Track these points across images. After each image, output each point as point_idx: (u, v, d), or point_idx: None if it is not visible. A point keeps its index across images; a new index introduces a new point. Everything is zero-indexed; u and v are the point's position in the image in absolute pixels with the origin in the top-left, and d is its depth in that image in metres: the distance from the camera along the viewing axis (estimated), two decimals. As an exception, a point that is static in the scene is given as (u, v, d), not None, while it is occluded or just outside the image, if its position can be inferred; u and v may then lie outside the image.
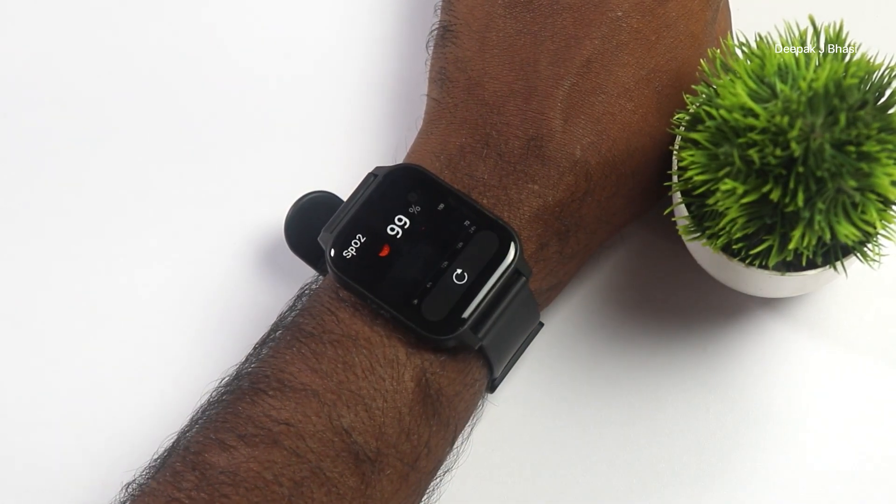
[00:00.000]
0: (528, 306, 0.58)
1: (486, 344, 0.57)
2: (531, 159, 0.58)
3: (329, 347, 0.56)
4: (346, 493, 0.54)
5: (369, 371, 0.55)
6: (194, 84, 0.69)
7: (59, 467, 0.63)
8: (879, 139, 0.53)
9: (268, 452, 0.54)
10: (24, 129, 0.69)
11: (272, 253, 0.66)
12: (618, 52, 0.60)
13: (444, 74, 0.61)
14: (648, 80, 0.60)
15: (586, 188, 0.59)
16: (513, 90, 0.59)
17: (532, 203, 0.58)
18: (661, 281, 0.65)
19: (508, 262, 0.57)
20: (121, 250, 0.67)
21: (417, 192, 0.58)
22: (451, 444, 0.59)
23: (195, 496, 0.53)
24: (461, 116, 0.60)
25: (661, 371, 0.64)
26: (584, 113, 0.59)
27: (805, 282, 0.59)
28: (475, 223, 0.57)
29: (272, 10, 0.70)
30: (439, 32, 0.63)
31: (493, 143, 0.59)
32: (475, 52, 0.61)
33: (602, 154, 0.59)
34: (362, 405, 0.55)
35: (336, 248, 0.57)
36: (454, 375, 0.57)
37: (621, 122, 0.59)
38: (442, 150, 0.59)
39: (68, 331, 0.66)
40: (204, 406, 0.57)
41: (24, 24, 0.70)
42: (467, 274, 0.56)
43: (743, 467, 0.63)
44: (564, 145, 0.59)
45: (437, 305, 0.56)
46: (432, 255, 0.57)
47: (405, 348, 0.56)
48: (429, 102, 0.62)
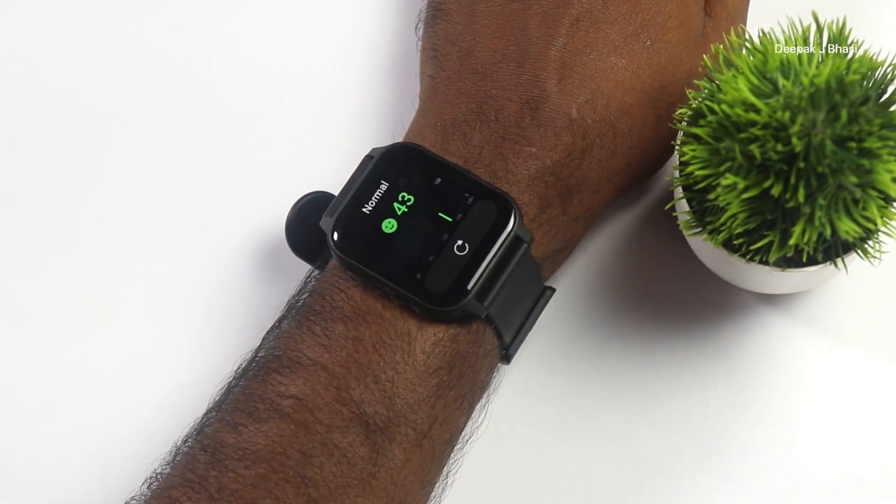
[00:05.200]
0: (532, 272, 0.59)
1: (492, 312, 0.57)
2: (527, 122, 0.59)
3: (339, 324, 0.56)
4: (356, 462, 0.55)
5: (379, 344, 0.56)
6: (195, 83, 0.70)
7: (75, 468, 0.64)
8: (881, 136, 0.53)
9: (276, 426, 0.55)
10: (28, 125, 0.69)
11: (274, 253, 0.66)
12: (604, 10, 0.61)
13: (436, 51, 0.62)
14: (637, 36, 0.60)
15: (583, 146, 0.59)
16: (505, 56, 0.60)
17: (530, 166, 0.59)
18: (662, 276, 0.65)
19: (508, 230, 0.57)
20: (121, 250, 0.67)
21: (413, 169, 0.58)
22: (466, 414, 0.59)
23: (205, 474, 0.54)
24: (455, 88, 0.60)
25: (661, 366, 0.64)
26: (576, 72, 0.60)
27: (806, 278, 0.59)
28: (473, 194, 0.58)
29: (269, 10, 0.71)
30: (429, 13, 0.63)
31: (487, 109, 0.59)
32: (465, 24, 0.61)
33: (597, 112, 0.60)
34: (372, 377, 0.56)
35: (338, 230, 0.58)
36: (465, 346, 0.57)
37: (614, 78, 0.60)
38: (437, 123, 0.60)
39: (67, 331, 0.66)
40: (218, 395, 0.58)
41: (24, 24, 0.71)
42: (468, 244, 0.57)
43: (742, 463, 0.62)
44: (560, 105, 0.59)
45: (441, 278, 0.57)
46: (432, 228, 0.58)
47: (416, 322, 0.57)
48: (424, 80, 0.63)
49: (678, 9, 0.62)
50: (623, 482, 0.63)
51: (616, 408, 0.63)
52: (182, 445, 0.57)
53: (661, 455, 0.63)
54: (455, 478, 0.60)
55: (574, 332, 0.65)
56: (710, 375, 0.64)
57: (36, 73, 0.70)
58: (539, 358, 0.64)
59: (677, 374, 0.64)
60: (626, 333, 0.64)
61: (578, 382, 0.64)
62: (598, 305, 0.65)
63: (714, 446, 0.63)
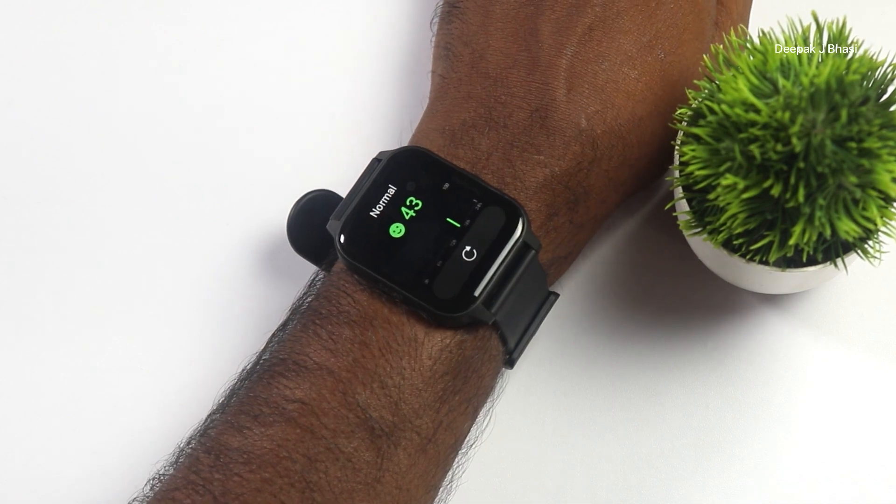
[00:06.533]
0: (539, 278, 0.59)
1: (499, 318, 0.57)
2: (536, 130, 0.59)
3: (346, 328, 0.56)
4: (361, 467, 0.55)
5: (386, 349, 0.56)
6: (200, 79, 0.69)
7: (78, 469, 0.63)
8: (881, 136, 0.53)
9: (281, 430, 0.54)
10: (28, 124, 0.69)
11: (276, 251, 0.66)
12: (618, 19, 0.60)
13: (449, 50, 0.62)
14: (650, 47, 0.60)
15: (593, 157, 0.59)
16: (516, 61, 0.60)
17: (538, 174, 0.58)
18: (662, 276, 0.65)
19: (516, 237, 0.57)
20: (123, 249, 0.67)
21: (422, 173, 0.58)
22: (471, 419, 0.59)
23: (210, 477, 0.54)
24: (465, 91, 0.60)
25: (661, 366, 0.64)
26: (587, 82, 0.59)
27: (805, 278, 0.59)
28: (481, 200, 0.57)
29: (278, 5, 0.71)
30: (445, 9, 0.63)
31: (496, 115, 0.59)
32: (479, 25, 0.61)
33: (607, 123, 0.59)
34: (378, 382, 0.55)
35: (345, 233, 0.58)
36: (471, 352, 0.57)
37: (625, 90, 0.60)
38: (446, 126, 0.60)
39: (69, 332, 0.66)
40: (222, 397, 0.58)
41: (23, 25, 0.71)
42: (476, 250, 0.57)
43: (742, 463, 0.62)
44: (569, 115, 0.59)
45: (449, 284, 0.56)
46: (440, 234, 0.57)
47: (423, 327, 0.56)
48: (434, 79, 0.63)
49: (694, 22, 0.61)
50: (623, 482, 0.63)
51: (616, 408, 0.63)
52: (185, 447, 0.56)
53: (661, 455, 0.63)
54: (460, 482, 0.60)
55: (574, 332, 0.65)
56: (710, 375, 0.64)
57: (36, 73, 0.70)
58: (540, 358, 0.64)
59: (677, 374, 0.64)
60: (627, 333, 0.64)
61: (579, 383, 0.64)
62: (599, 305, 0.65)
63: (714, 446, 0.63)
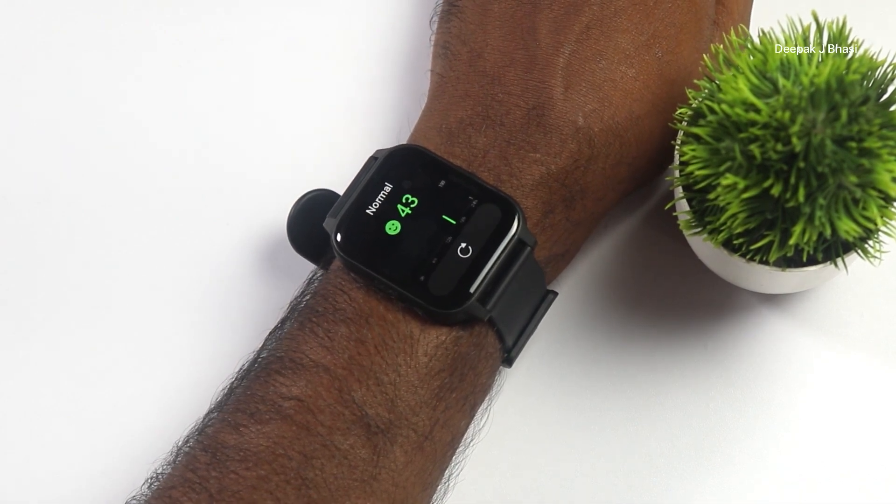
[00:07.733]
0: (535, 276, 0.59)
1: (495, 315, 0.57)
2: (532, 128, 0.59)
3: (342, 326, 0.56)
4: (357, 464, 0.55)
5: (382, 346, 0.56)
6: (199, 79, 0.70)
7: (76, 468, 0.63)
8: (881, 135, 0.53)
9: (277, 428, 0.55)
10: (28, 123, 0.69)
11: (276, 251, 0.66)
12: (616, 18, 0.60)
13: (448, 48, 0.62)
14: (648, 46, 0.60)
15: (590, 155, 0.59)
16: (513, 60, 0.60)
17: (534, 171, 0.59)
18: (662, 276, 0.65)
19: (512, 234, 0.57)
20: (123, 251, 0.67)
21: (418, 171, 0.58)
22: (468, 417, 0.59)
23: (206, 475, 0.54)
24: (463, 89, 0.60)
25: (662, 366, 0.64)
26: (584, 80, 0.59)
27: (806, 278, 0.59)
28: (477, 197, 0.58)
29: (276, 4, 0.71)
30: (444, 8, 0.63)
31: (493, 113, 0.59)
32: (477, 24, 0.61)
33: (604, 121, 0.59)
34: (374, 379, 0.56)
35: (341, 231, 0.58)
36: (467, 349, 0.57)
37: (623, 88, 0.60)
38: (443, 124, 0.60)
39: (67, 330, 0.66)
40: (220, 396, 0.58)
41: (23, 23, 0.71)
42: (472, 247, 0.57)
43: (743, 464, 0.62)
44: (566, 113, 0.59)
45: (444, 280, 0.57)
46: (436, 231, 0.57)
47: (419, 324, 0.57)
48: (432, 77, 0.63)
49: (691, 21, 0.61)
50: (623, 482, 0.62)
51: (616, 408, 0.63)
52: (183, 445, 0.57)
53: (661, 455, 0.63)
54: (456, 480, 0.60)
55: (574, 332, 0.65)
56: (710, 375, 0.64)
57: (36, 73, 0.70)
58: (539, 358, 0.64)
59: (677, 374, 0.64)
60: (627, 333, 0.64)
61: (579, 382, 0.64)
62: (599, 305, 0.65)
63: (714, 446, 0.63)
